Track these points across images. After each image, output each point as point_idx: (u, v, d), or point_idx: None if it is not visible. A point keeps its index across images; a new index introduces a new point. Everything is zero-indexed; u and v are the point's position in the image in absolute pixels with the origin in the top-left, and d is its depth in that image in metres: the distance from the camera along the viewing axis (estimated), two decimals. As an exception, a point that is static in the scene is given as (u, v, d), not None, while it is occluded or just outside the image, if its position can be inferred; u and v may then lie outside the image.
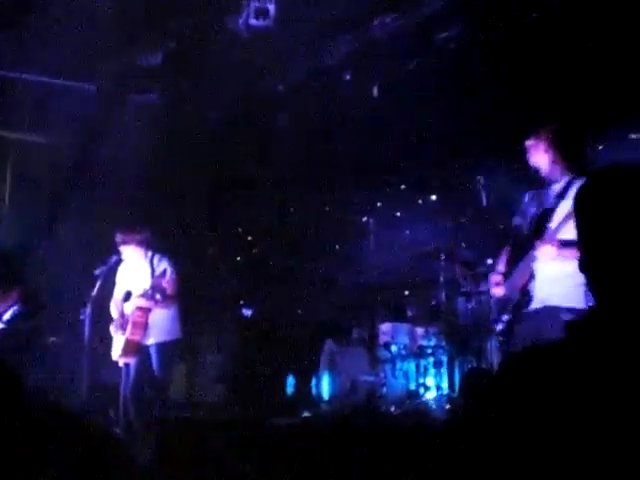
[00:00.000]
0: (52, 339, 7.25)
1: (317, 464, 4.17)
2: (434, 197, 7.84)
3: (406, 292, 7.88)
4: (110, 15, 6.90)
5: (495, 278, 4.85)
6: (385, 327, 7.41)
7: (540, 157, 4.72)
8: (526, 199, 4.91)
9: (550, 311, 4.47)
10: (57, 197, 8.05)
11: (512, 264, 4.79)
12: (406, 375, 7.11)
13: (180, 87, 8.24)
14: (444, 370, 6.97)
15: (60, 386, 6.75)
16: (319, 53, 7.67)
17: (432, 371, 7.01)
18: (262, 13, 7.09)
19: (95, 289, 6.59)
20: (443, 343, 7.05)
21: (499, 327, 4.81)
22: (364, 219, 8.01)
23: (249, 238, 9.11)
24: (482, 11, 6.63)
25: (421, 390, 6.97)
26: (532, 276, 4.57)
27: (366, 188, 8.25)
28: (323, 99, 7.90)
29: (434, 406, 6.75)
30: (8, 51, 7.10)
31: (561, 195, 4.56)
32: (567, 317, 4.40)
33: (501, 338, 5.79)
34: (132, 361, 6.48)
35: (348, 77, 7.85)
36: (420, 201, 7.83)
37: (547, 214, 4.56)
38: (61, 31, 6.82)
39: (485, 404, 1.46)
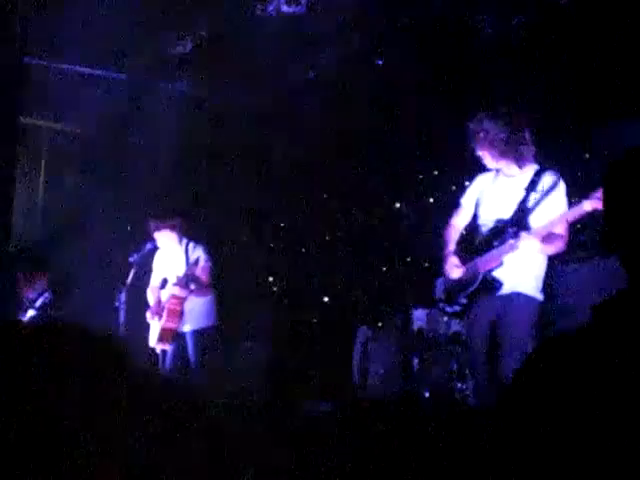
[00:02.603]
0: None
1: (351, 450, 4.17)
2: (467, 183, 7.77)
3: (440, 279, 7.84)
4: (140, 4, 6.92)
5: (454, 260, 4.84)
6: (419, 313, 7.38)
7: (488, 148, 4.70)
8: (479, 183, 4.95)
9: (520, 298, 4.56)
10: (91, 185, 8.10)
11: (473, 247, 4.81)
12: (440, 362, 7.08)
13: (210, 75, 8.24)
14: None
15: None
16: (350, 38, 7.63)
17: (466, 358, 6.97)
18: (293, -1, 7.07)
19: (130, 276, 6.64)
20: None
21: (455, 308, 4.87)
22: (397, 205, 7.98)
23: (282, 225, 9.11)
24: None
25: (455, 377, 6.94)
26: (501, 263, 4.60)
27: (399, 174, 8.20)
28: (355, 85, 7.86)
29: (468, 393, 6.72)
30: (40, 40, 7.14)
31: (531, 187, 4.58)
32: (534, 304, 4.61)
33: (447, 319, 5.79)
34: (168, 348, 6.54)
35: (380, 62, 7.81)
36: (453, 187, 7.76)
37: (523, 206, 4.58)
38: (92, 20, 6.85)
39: (515, 391, 1.45)
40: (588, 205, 4.26)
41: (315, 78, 8.21)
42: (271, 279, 9.05)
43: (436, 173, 8.08)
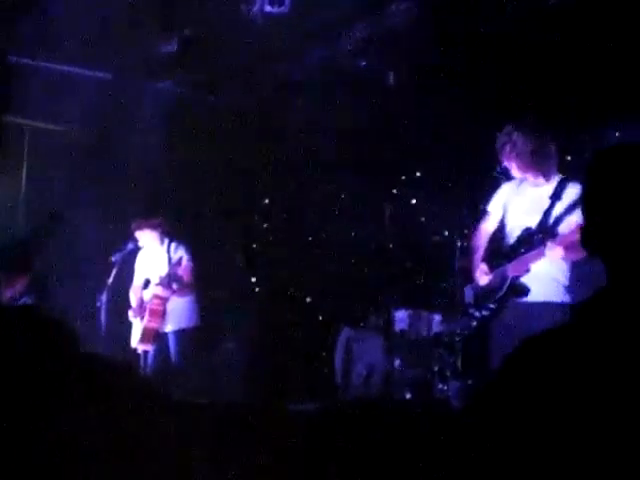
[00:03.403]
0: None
1: (333, 450, 4.18)
2: (450, 184, 7.81)
3: (422, 279, 7.86)
4: (126, 2, 6.90)
5: (483, 267, 5.01)
6: (401, 314, 7.40)
7: (515, 160, 4.85)
8: (505, 191, 5.09)
9: (545, 304, 4.69)
10: (73, 184, 8.06)
11: (501, 254, 4.96)
12: (422, 363, 7.10)
13: (195, 75, 8.23)
14: (460, 358, 6.96)
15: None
16: (334, 39, 7.64)
17: (448, 359, 7.00)
18: (277, 0, 7.06)
19: (111, 276, 6.62)
20: (459, 330, 7.04)
21: (483, 313, 4.99)
22: (379, 206, 7.99)
23: (265, 225, 9.11)
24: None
25: (436, 378, 6.96)
26: (528, 269, 4.74)
27: (381, 175, 8.22)
28: (339, 86, 7.87)
29: (450, 394, 6.74)
30: (24, 38, 7.11)
31: (556, 196, 4.72)
32: (559, 310, 4.69)
33: (475, 323, 5.88)
34: (150, 348, 6.52)
35: (364, 64, 7.82)
36: (436, 188, 7.80)
37: (548, 214, 4.72)
38: (77, 18, 6.82)
39: (494, 388, 1.47)
40: None
41: (300, 78, 8.21)
42: (254, 279, 9.04)
43: (419, 174, 8.10)
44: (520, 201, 4.96)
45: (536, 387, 1.39)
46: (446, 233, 7.32)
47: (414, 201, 8.06)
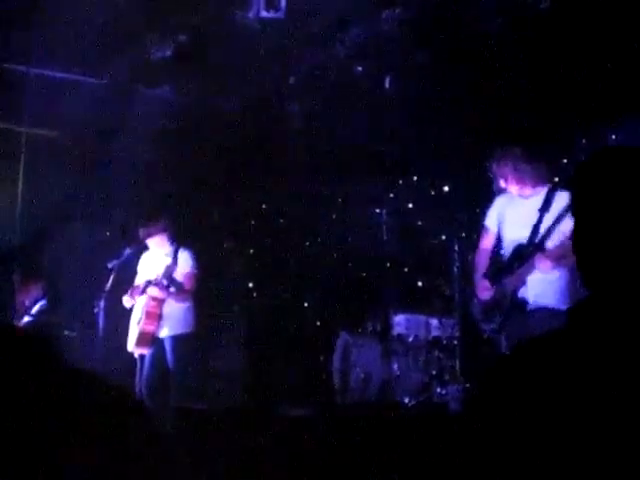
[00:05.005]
0: (66, 333, 7.28)
1: (329, 456, 4.17)
2: (446, 188, 7.82)
3: (419, 283, 7.86)
4: (121, 8, 6.89)
5: (484, 284, 5.24)
6: (399, 318, 7.39)
7: (508, 179, 5.09)
8: (499, 204, 5.33)
9: (544, 311, 4.88)
10: (70, 191, 8.06)
11: (499, 269, 5.21)
12: (420, 367, 7.09)
13: (192, 80, 8.23)
14: (458, 362, 6.95)
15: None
16: (330, 44, 7.65)
17: (446, 363, 6.99)
18: (273, 5, 7.07)
19: (109, 282, 6.61)
20: (457, 334, 7.04)
21: (491, 327, 5.23)
22: (377, 210, 8.00)
23: (263, 230, 9.11)
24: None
25: (435, 382, 6.95)
26: (524, 282, 4.97)
27: (378, 179, 8.23)
28: (335, 90, 7.87)
29: (448, 398, 6.74)
30: (19, 45, 7.11)
31: (545, 208, 4.90)
32: (559, 316, 4.75)
33: (488, 335, 6.03)
34: (147, 352, 6.49)
35: (360, 68, 7.83)
36: (432, 192, 7.81)
37: (537, 227, 4.91)
38: (72, 24, 6.82)
39: (486, 394, 1.47)
40: None
41: (295, 83, 8.21)
42: (251, 284, 9.03)
43: (416, 178, 8.11)
44: (513, 214, 5.15)
45: (526, 389, 1.39)
46: (443, 237, 7.33)
47: (411, 205, 8.06)
